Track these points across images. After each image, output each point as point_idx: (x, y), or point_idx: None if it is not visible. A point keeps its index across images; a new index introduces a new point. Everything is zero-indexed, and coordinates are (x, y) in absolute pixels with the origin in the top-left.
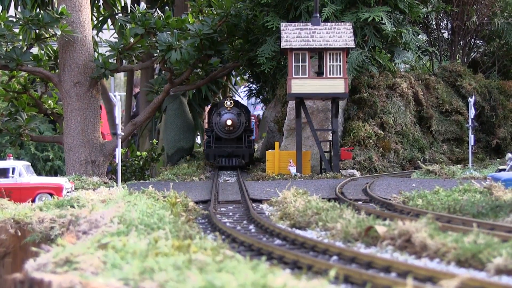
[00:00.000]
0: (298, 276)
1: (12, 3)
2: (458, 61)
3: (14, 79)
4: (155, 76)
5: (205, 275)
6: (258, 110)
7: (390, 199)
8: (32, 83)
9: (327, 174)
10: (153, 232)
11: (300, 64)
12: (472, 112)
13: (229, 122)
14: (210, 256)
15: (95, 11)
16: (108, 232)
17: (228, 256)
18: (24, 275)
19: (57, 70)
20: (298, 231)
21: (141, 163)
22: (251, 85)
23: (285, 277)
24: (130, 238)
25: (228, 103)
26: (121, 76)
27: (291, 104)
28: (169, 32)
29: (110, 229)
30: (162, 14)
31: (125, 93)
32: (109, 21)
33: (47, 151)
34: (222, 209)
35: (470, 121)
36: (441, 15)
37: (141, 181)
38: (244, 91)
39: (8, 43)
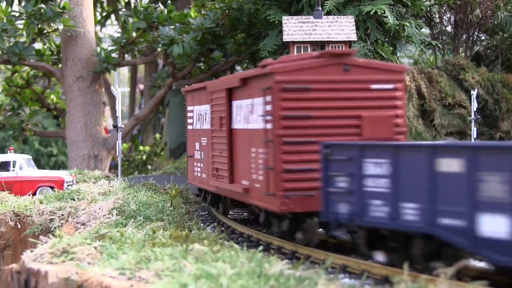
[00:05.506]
0: (296, 265)
1: None
2: (461, 54)
3: (17, 74)
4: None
5: (201, 264)
6: None
7: None
8: (35, 78)
9: None
10: (151, 223)
11: None
12: (474, 105)
13: None
14: (208, 246)
15: (98, 7)
16: (106, 223)
17: (225, 246)
18: (21, 266)
19: (59, 65)
20: None
21: (144, 157)
22: None
23: (281, 266)
24: (128, 229)
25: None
26: (125, 72)
27: None
28: (172, 26)
29: (108, 220)
30: (164, 9)
31: (129, 89)
32: (113, 17)
33: (51, 147)
34: None
35: (472, 114)
36: (444, 8)
37: (143, 174)
38: None
39: (11, 38)
